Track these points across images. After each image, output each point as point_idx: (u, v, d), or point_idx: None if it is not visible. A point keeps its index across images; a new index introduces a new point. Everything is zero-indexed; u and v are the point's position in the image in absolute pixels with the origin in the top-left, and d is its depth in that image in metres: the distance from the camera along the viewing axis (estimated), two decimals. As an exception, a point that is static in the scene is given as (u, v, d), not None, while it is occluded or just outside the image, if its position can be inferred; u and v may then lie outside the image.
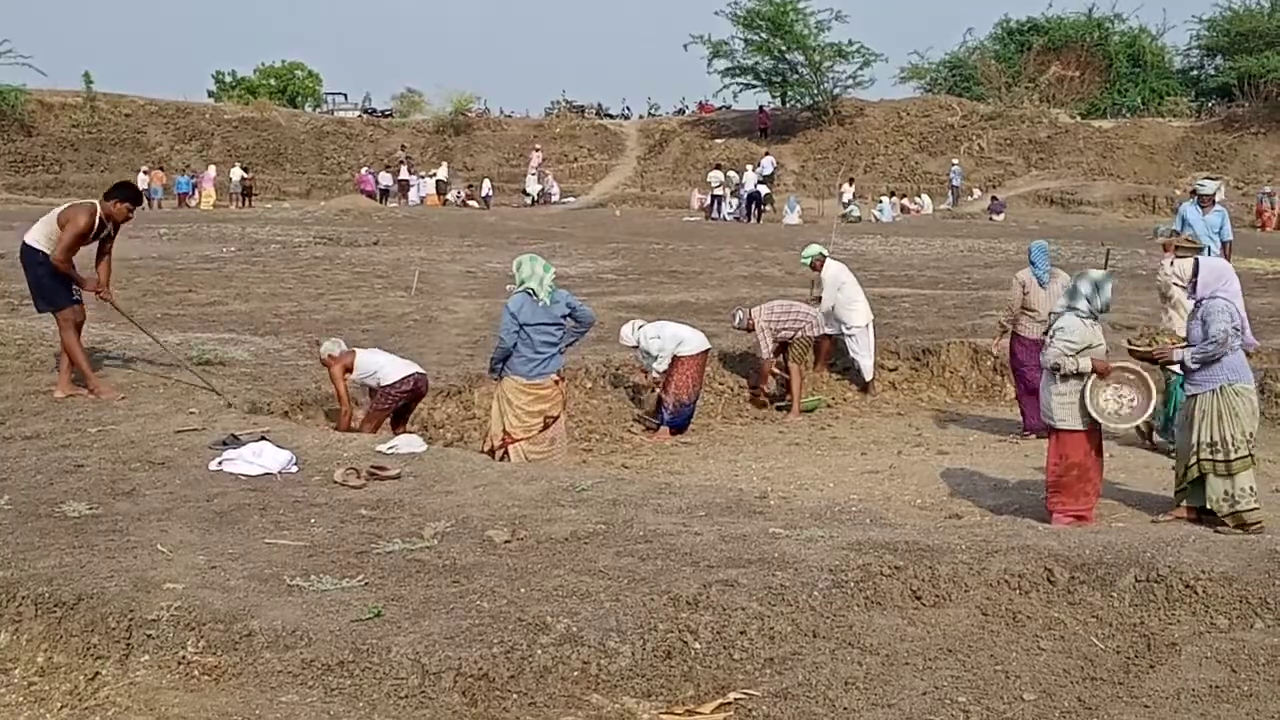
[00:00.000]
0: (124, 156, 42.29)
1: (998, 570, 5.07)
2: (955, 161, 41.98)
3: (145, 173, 39.36)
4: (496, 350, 8.46)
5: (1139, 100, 48.49)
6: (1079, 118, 45.74)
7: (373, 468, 6.64)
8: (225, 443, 7.12)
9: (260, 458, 6.68)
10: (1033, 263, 10.56)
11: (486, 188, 44.11)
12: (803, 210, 37.39)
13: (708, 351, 11.11)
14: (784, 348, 11.61)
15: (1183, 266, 9.34)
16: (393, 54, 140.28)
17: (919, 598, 4.94)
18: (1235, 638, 4.60)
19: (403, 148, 47.66)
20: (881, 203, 38.16)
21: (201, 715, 3.92)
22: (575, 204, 43.38)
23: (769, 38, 46.41)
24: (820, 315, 11.91)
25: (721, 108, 52.34)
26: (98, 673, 4.25)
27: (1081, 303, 7.50)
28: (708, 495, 6.33)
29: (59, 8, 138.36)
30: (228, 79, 60.35)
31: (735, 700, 4.11)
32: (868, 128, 46.99)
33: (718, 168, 40.57)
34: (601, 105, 58.03)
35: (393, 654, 4.10)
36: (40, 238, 8.45)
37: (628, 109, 58.26)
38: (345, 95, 59.72)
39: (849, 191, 38.89)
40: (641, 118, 55.46)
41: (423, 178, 44.91)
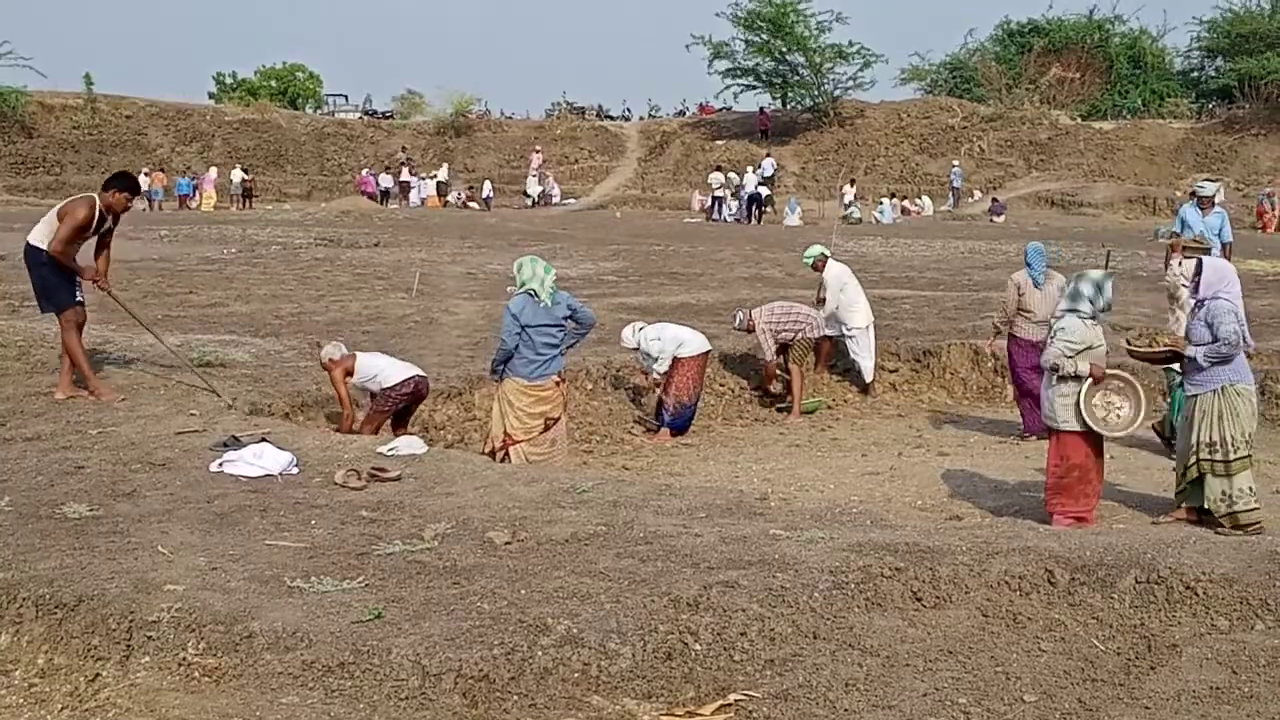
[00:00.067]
0: (125, 158, 42.18)
1: (998, 572, 5.07)
2: (956, 163, 41.99)
3: (146, 174, 39.30)
4: (498, 352, 8.46)
5: (1139, 102, 48.45)
6: (1079, 119, 45.72)
7: (373, 469, 6.64)
8: (226, 444, 7.12)
9: (261, 459, 6.69)
10: (1028, 264, 10.56)
11: (487, 189, 44.12)
12: (803, 212, 37.41)
13: (708, 353, 11.11)
14: (784, 349, 11.61)
15: (1188, 266, 9.35)
16: (393, 55, 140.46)
17: (919, 599, 4.94)
18: (1236, 639, 4.60)
19: (403, 149, 47.65)
20: (882, 204, 38.17)
21: (202, 717, 3.92)
22: (576, 205, 43.39)
23: (770, 39, 46.41)
24: (821, 317, 11.91)
25: (722, 109, 52.32)
26: (98, 674, 4.25)
27: (1084, 305, 7.50)
28: (708, 497, 6.33)
29: (59, 9, 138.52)
30: (228, 81, 60.26)
31: (736, 702, 4.12)
32: (868, 129, 46.99)
33: (718, 169, 40.61)
34: (602, 107, 57.96)
35: (393, 655, 4.10)
36: (42, 237, 8.46)
37: (628, 110, 58.21)
38: (346, 97, 59.70)
39: (850, 193, 38.90)
40: (642, 119, 55.39)
41: (423, 179, 44.92)
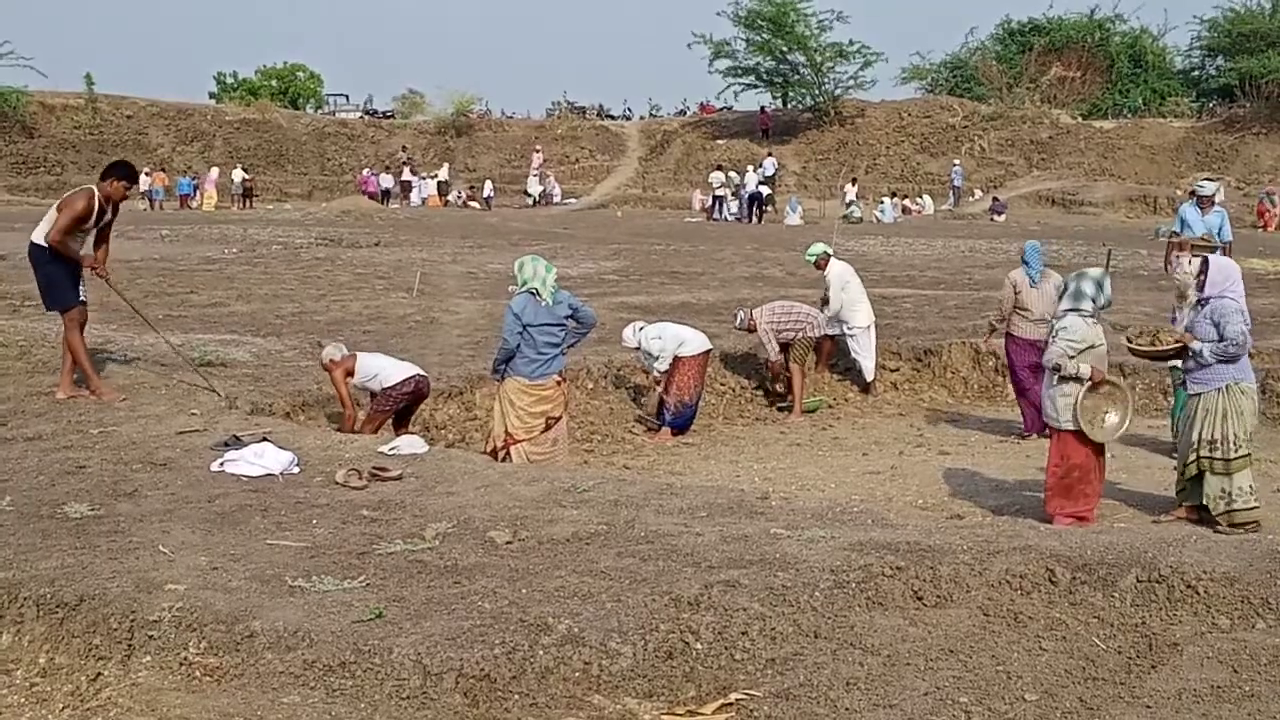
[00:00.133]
0: (126, 158, 42.01)
1: (999, 571, 5.07)
2: (956, 162, 41.97)
3: (147, 174, 39.26)
4: (500, 351, 8.46)
5: (1140, 101, 48.42)
6: (1080, 118, 45.70)
7: (374, 469, 6.64)
8: (227, 444, 7.13)
9: (262, 459, 6.69)
10: (1025, 262, 10.56)
11: (488, 189, 44.10)
12: (804, 211, 37.38)
13: (709, 352, 11.11)
14: (785, 348, 11.61)
15: (1196, 265, 9.34)
16: (394, 55, 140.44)
17: (920, 598, 4.94)
18: (1237, 638, 4.60)
19: (404, 149, 47.65)
20: (883, 203, 38.14)
21: (203, 716, 3.92)
22: (577, 205, 43.38)
23: (770, 38, 46.38)
24: (822, 316, 11.91)
25: (723, 108, 52.30)
26: (99, 674, 4.26)
27: (1086, 304, 7.49)
28: (709, 496, 6.33)
29: (60, 9, 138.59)
30: (229, 80, 60.27)
31: (737, 701, 4.11)
32: (869, 128, 46.97)
33: (719, 168, 40.57)
34: (603, 106, 57.96)
35: (394, 655, 4.10)
36: (44, 234, 8.48)
37: (629, 110, 58.20)
38: (347, 96, 59.75)
39: (852, 192, 38.89)
40: (643, 118, 55.37)
41: (424, 179, 44.90)
